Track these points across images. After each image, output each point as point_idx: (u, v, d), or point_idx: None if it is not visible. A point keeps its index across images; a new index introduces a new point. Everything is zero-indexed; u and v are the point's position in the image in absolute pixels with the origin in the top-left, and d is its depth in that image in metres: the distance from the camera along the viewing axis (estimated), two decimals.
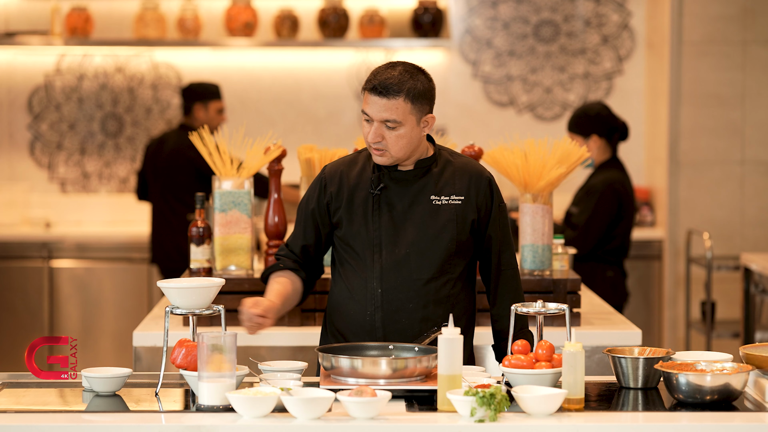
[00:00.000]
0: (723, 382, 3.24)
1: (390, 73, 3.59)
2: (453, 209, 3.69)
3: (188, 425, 3.08)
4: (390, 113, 3.58)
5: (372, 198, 3.70)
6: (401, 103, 3.58)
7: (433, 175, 3.71)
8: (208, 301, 3.46)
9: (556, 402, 3.14)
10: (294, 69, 8.17)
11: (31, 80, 8.14)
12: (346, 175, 3.73)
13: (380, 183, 3.69)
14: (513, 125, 8.12)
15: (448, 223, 3.68)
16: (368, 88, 3.61)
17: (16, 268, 7.65)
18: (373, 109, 3.59)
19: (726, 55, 7.69)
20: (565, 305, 3.53)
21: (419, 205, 3.69)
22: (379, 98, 3.58)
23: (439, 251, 3.68)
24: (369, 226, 3.68)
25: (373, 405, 3.08)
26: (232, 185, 4.61)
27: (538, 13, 8.17)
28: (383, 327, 3.66)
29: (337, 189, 3.72)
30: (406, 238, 3.67)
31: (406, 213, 3.68)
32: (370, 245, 3.68)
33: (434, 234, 3.68)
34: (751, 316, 7.01)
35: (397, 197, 3.69)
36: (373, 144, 3.62)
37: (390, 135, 3.60)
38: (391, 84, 3.57)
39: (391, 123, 3.59)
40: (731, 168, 7.74)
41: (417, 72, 3.63)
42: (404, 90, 3.58)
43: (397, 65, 3.63)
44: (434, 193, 3.69)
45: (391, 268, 3.66)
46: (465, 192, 3.71)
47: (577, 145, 4.66)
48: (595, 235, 6.08)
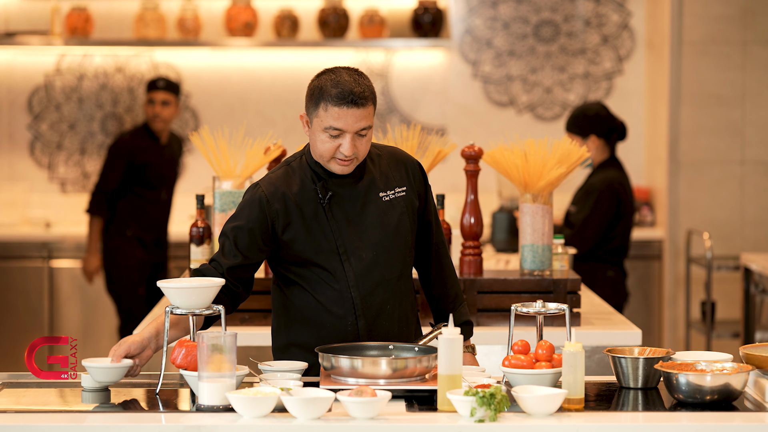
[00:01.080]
0: (723, 382, 3.24)
1: (351, 81, 3.51)
2: (401, 201, 3.68)
3: (188, 425, 3.08)
4: (365, 121, 3.52)
5: (323, 209, 3.61)
6: (371, 108, 3.54)
7: (371, 172, 3.67)
8: (208, 301, 3.46)
9: (556, 402, 3.14)
10: (294, 69, 8.17)
11: (31, 80, 8.14)
12: (287, 191, 3.60)
13: (327, 192, 3.61)
14: (513, 125, 8.12)
15: (401, 216, 3.66)
16: (336, 102, 3.49)
17: (16, 268, 7.65)
18: (349, 121, 3.50)
19: (726, 55, 7.69)
20: (565, 305, 3.53)
21: (371, 205, 3.65)
22: (355, 109, 3.49)
23: (401, 246, 3.66)
24: (329, 237, 3.60)
25: (373, 405, 3.08)
26: (232, 185, 4.61)
27: (538, 13, 8.17)
28: (367, 333, 3.64)
29: (283, 206, 3.58)
30: (369, 241, 3.62)
31: (361, 215, 3.63)
32: (336, 255, 3.60)
33: (394, 230, 3.65)
34: (751, 316, 7.01)
35: (347, 202, 3.63)
36: (348, 156, 3.53)
37: (361, 142, 3.54)
38: (362, 91, 3.50)
39: (365, 130, 3.53)
40: (731, 168, 7.74)
41: (360, 73, 3.57)
42: (370, 93, 3.54)
43: (345, 72, 3.54)
44: (380, 189, 3.66)
45: (364, 273, 3.60)
46: (405, 181, 3.70)
47: (577, 145, 4.66)
48: (593, 235, 6.08)
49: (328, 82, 3.52)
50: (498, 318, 4.61)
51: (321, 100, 3.52)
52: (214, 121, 8.12)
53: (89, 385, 3.46)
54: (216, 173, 4.64)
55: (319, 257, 3.59)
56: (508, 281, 4.59)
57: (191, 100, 8.18)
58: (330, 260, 3.60)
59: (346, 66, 3.58)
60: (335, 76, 3.52)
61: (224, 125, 5.77)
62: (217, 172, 4.63)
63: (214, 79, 8.18)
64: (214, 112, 8.19)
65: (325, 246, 3.60)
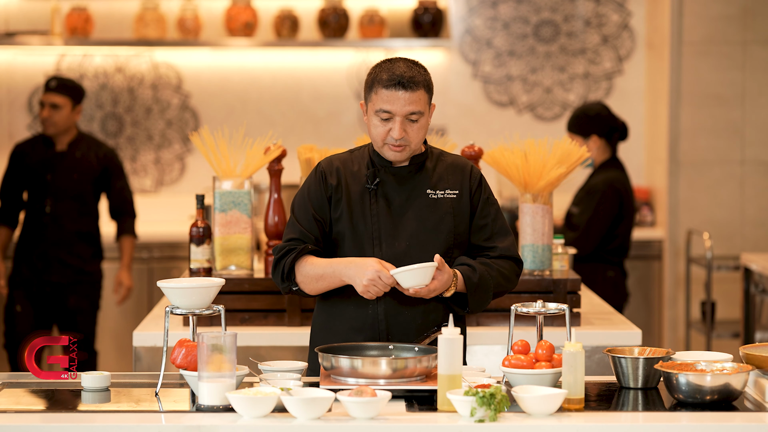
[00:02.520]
0: (723, 382, 3.24)
1: (404, 66, 3.63)
2: (449, 203, 3.73)
3: (188, 425, 3.09)
4: (415, 105, 3.62)
5: (369, 193, 3.71)
6: (422, 93, 3.64)
7: (427, 171, 3.75)
8: (208, 301, 3.46)
9: (556, 402, 3.14)
10: (294, 69, 8.17)
11: (31, 80, 8.14)
12: (342, 170, 3.74)
13: (376, 178, 3.71)
14: (513, 125, 8.12)
15: (445, 215, 3.72)
16: (389, 84, 3.62)
17: None
18: (398, 105, 3.61)
19: (726, 55, 7.69)
20: (565, 305, 3.54)
21: (417, 199, 3.72)
22: (403, 92, 3.61)
23: (439, 243, 3.70)
24: (367, 220, 3.70)
25: (373, 405, 3.08)
26: (232, 185, 4.61)
27: (538, 13, 8.17)
28: (386, 320, 3.68)
29: (336, 182, 3.73)
30: (405, 231, 3.69)
31: (404, 207, 3.71)
32: (370, 239, 3.69)
33: (433, 226, 3.71)
34: (751, 316, 7.01)
35: (394, 192, 3.72)
36: (396, 140, 3.64)
37: (412, 128, 3.65)
38: (412, 76, 3.61)
39: (415, 115, 3.63)
40: (731, 168, 7.74)
41: (418, 63, 3.69)
42: (422, 80, 3.64)
43: (401, 60, 3.67)
44: (430, 187, 3.73)
45: (392, 261, 3.67)
46: (459, 186, 3.75)
47: (576, 145, 4.66)
48: (597, 235, 6.08)
49: (383, 68, 3.65)
50: (498, 318, 4.61)
51: (374, 85, 3.65)
52: (214, 121, 8.12)
53: (89, 385, 3.47)
54: (216, 173, 4.64)
55: (355, 238, 3.68)
56: None
57: (191, 100, 8.18)
58: (363, 243, 3.69)
59: (407, 57, 3.70)
60: (390, 64, 3.65)
61: (224, 125, 5.78)
62: (217, 172, 4.63)
63: (214, 79, 8.18)
64: (214, 112, 8.19)
65: (362, 229, 3.69)
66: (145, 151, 8.19)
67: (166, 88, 8.18)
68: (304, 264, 3.69)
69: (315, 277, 3.66)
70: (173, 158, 8.21)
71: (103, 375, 3.46)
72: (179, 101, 8.15)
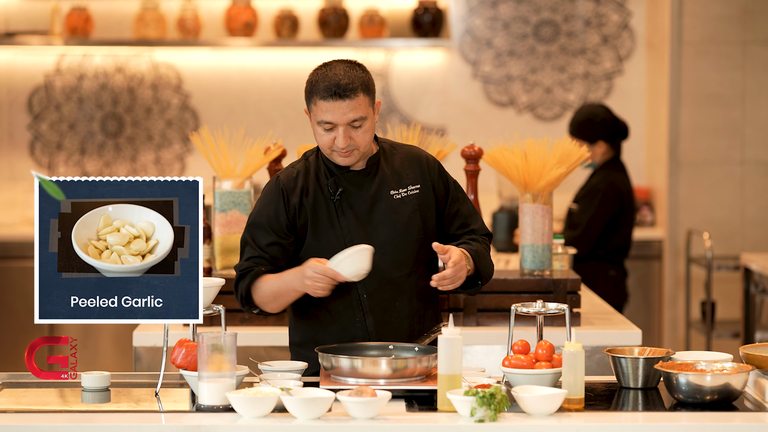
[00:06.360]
0: (723, 382, 3.24)
1: (336, 73, 3.55)
2: (414, 199, 3.69)
3: (188, 425, 3.08)
4: (355, 112, 3.55)
5: (333, 204, 3.66)
6: (361, 98, 3.56)
7: (384, 170, 3.69)
8: (208, 301, 3.46)
9: (556, 402, 3.14)
10: (294, 69, 8.17)
11: (31, 80, 8.14)
12: (303, 186, 3.66)
13: (338, 188, 3.66)
14: (513, 125, 8.12)
15: (413, 214, 3.68)
16: (323, 96, 3.55)
17: (16, 268, 7.65)
18: (336, 114, 3.55)
19: (726, 55, 7.69)
20: (565, 305, 3.54)
21: (381, 203, 3.67)
22: (341, 101, 3.54)
23: (411, 242, 3.67)
24: (337, 233, 3.64)
25: (373, 405, 3.08)
26: (232, 185, 4.61)
27: (538, 13, 8.17)
28: (376, 331, 3.66)
29: (299, 201, 3.65)
30: (378, 239, 3.64)
31: (371, 213, 3.66)
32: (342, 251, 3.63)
33: (403, 228, 3.67)
34: (751, 316, 7.01)
35: (357, 199, 3.67)
36: (342, 148, 3.58)
37: (357, 134, 3.58)
38: (347, 83, 3.54)
39: (358, 121, 3.56)
40: (731, 168, 7.74)
41: (355, 64, 3.60)
42: (359, 85, 3.55)
43: (334, 65, 3.59)
44: (392, 187, 3.69)
45: (371, 270, 3.60)
46: (419, 179, 3.71)
47: (576, 145, 4.66)
48: (597, 235, 6.09)
49: (319, 76, 3.57)
50: (498, 318, 4.61)
51: (312, 95, 3.59)
52: (214, 121, 8.12)
53: (89, 385, 3.47)
54: (216, 173, 4.64)
55: (327, 254, 3.59)
56: (508, 281, 4.59)
57: (191, 100, 8.18)
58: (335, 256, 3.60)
59: (344, 59, 3.62)
60: (326, 70, 3.57)
61: (224, 125, 5.78)
62: (217, 172, 4.63)
63: (214, 79, 8.18)
64: (214, 112, 8.19)
65: (334, 242, 3.63)
66: (145, 151, 8.19)
67: (166, 88, 8.18)
68: (259, 285, 3.63)
69: (271, 296, 3.62)
70: (173, 158, 8.21)
71: (103, 375, 3.46)
72: (179, 101, 8.15)
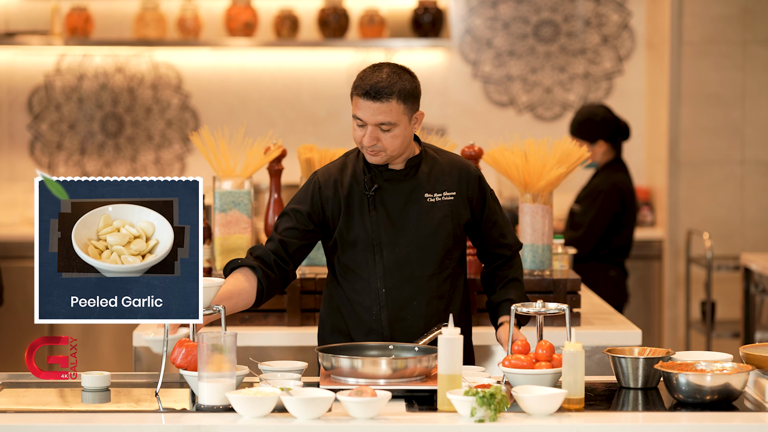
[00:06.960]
0: (723, 382, 3.24)
1: (378, 76, 3.62)
2: (447, 205, 3.76)
3: (188, 425, 3.09)
4: (384, 116, 3.62)
5: (367, 199, 3.73)
6: (394, 104, 3.62)
7: (423, 173, 3.76)
8: (208, 301, 3.46)
9: (556, 402, 3.14)
10: (294, 69, 8.17)
11: (31, 80, 8.14)
12: (339, 180, 3.75)
13: (374, 184, 3.73)
14: (513, 125, 8.12)
15: (443, 219, 3.74)
16: (359, 93, 3.63)
17: (16, 268, 7.64)
18: (367, 114, 3.62)
19: (726, 55, 7.69)
20: (565, 305, 3.54)
21: (414, 204, 3.74)
22: (372, 102, 3.61)
23: (438, 247, 3.73)
24: (367, 227, 3.72)
25: (373, 405, 3.08)
26: (232, 185, 4.61)
27: (538, 13, 8.17)
28: (389, 325, 3.71)
29: (333, 193, 3.74)
30: (405, 237, 3.72)
31: (402, 212, 3.73)
32: (371, 246, 3.72)
33: (432, 231, 3.73)
34: (751, 316, 7.01)
35: (391, 197, 3.74)
36: (368, 147, 3.65)
37: (385, 137, 3.65)
38: (383, 87, 3.60)
39: (386, 125, 3.63)
40: (731, 168, 7.74)
41: (403, 72, 3.67)
42: (395, 91, 3.62)
43: (383, 67, 3.66)
44: (427, 190, 3.75)
45: (393, 267, 3.70)
46: (456, 188, 3.77)
47: (576, 145, 4.66)
48: (599, 235, 6.09)
49: (365, 73, 3.66)
50: None
51: (354, 89, 3.67)
52: (214, 121, 8.12)
53: (89, 385, 3.47)
54: (216, 173, 4.64)
55: (356, 246, 3.71)
56: None
57: (191, 100, 8.18)
58: (364, 250, 3.72)
59: (397, 64, 3.70)
60: (372, 70, 3.66)
61: (224, 125, 5.77)
62: (217, 172, 4.63)
63: (214, 79, 8.18)
64: (214, 112, 8.19)
65: (362, 236, 3.72)
66: (145, 151, 8.19)
67: (166, 88, 8.18)
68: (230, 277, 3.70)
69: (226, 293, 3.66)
70: (173, 158, 8.21)
71: (103, 375, 3.47)
72: (179, 101, 8.15)
